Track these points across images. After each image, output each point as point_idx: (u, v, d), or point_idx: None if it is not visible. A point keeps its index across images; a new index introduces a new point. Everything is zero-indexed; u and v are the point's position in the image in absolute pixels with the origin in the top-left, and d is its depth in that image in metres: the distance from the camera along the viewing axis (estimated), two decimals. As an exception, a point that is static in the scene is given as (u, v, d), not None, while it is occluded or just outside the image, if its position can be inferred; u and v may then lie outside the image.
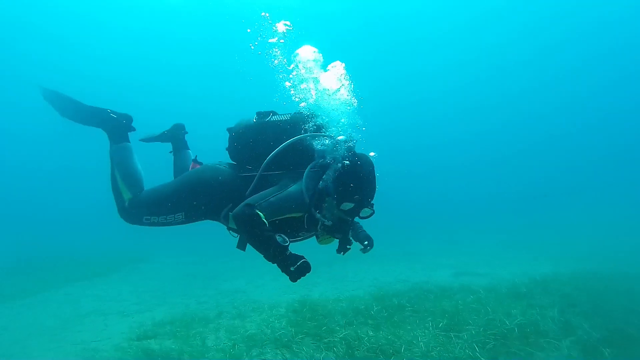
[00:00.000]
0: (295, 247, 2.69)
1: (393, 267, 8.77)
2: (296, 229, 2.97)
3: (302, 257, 2.55)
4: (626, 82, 29.90)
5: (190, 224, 3.36)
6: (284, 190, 2.85)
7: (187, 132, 3.97)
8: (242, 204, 2.78)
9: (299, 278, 2.60)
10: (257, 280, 9.03)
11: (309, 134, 3.00)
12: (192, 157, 3.79)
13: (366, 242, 3.36)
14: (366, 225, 3.40)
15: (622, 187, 26.10)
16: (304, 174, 2.86)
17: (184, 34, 27.55)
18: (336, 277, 7.54)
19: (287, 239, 2.67)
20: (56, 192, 31.46)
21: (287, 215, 2.86)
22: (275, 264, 2.62)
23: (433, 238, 13.13)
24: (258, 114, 3.21)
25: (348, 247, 3.18)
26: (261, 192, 2.84)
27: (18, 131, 30.76)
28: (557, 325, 4.67)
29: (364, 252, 3.41)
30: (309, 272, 2.62)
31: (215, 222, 3.35)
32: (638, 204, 17.64)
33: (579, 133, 34.55)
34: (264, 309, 6.10)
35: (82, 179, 31.51)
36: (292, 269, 2.50)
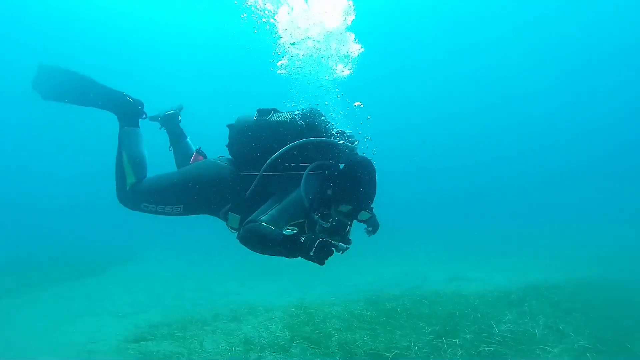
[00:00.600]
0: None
1: (385, 271, 8.88)
2: (298, 232, 3.02)
3: (318, 239, 2.60)
4: (627, 83, 30.51)
5: (188, 216, 3.39)
6: (284, 200, 2.89)
7: (180, 120, 3.96)
8: (244, 224, 2.83)
9: (325, 259, 2.66)
10: (249, 282, 9.04)
11: (311, 138, 3.02)
12: (194, 148, 3.78)
13: (370, 228, 3.39)
14: (358, 225, 3.43)
15: (617, 194, 26.63)
16: (303, 177, 2.89)
17: (184, 26, 27.42)
18: (330, 280, 7.62)
19: (295, 229, 2.72)
20: (44, 190, 30.85)
21: (291, 223, 2.92)
22: (299, 257, 2.69)
23: (424, 241, 13.30)
24: (259, 111, 3.20)
25: (347, 246, 3.20)
26: (261, 207, 2.88)
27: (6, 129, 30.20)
28: (549, 333, 4.81)
29: (368, 235, 3.44)
30: (330, 253, 2.67)
31: (214, 217, 3.38)
32: (632, 210, 17.98)
33: (576, 137, 35.06)
34: (260, 312, 6.13)
35: (73, 177, 31.05)
36: (311, 254, 2.56)
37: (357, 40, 3.78)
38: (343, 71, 3.76)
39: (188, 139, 3.93)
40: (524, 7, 25.91)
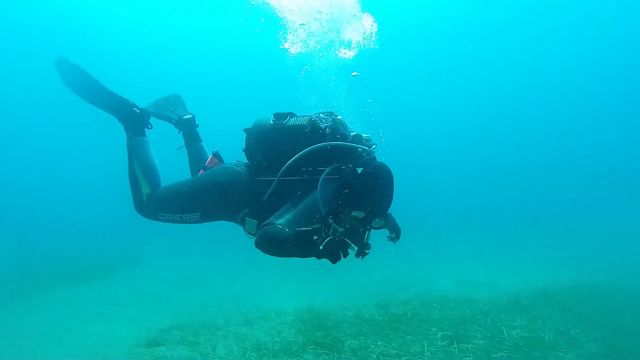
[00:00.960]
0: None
1: (393, 274, 8.87)
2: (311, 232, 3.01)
3: (332, 237, 2.62)
4: (627, 85, 30.46)
5: (205, 223, 3.40)
6: (300, 204, 2.89)
7: (197, 125, 3.99)
8: (259, 227, 2.83)
9: (338, 256, 2.67)
10: (257, 285, 9.04)
11: (328, 142, 3.01)
12: (208, 152, 3.79)
13: (394, 234, 3.34)
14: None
15: (623, 196, 26.55)
16: (319, 182, 2.89)
17: (195, 26, 27.50)
18: (339, 285, 7.63)
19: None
20: (52, 193, 30.85)
21: (307, 227, 2.92)
22: (311, 258, 2.70)
23: (429, 242, 13.26)
24: (275, 115, 3.19)
25: (367, 251, 3.16)
26: (277, 211, 2.88)
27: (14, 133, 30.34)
28: (561, 339, 4.83)
29: (394, 242, 3.40)
30: (343, 249, 2.68)
31: (231, 223, 3.39)
32: (637, 213, 17.87)
33: (583, 140, 34.95)
34: (271, 316, 6.15)
35: (78, 179, 31.09)
36: (320, 247, 2.58)
37: (373, 21, 3.72)
38: (347, 53, 3.73)
39: (202, 143, 3.94)
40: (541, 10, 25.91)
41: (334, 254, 2.66)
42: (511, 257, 7.71)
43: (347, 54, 3.78)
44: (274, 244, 2.69)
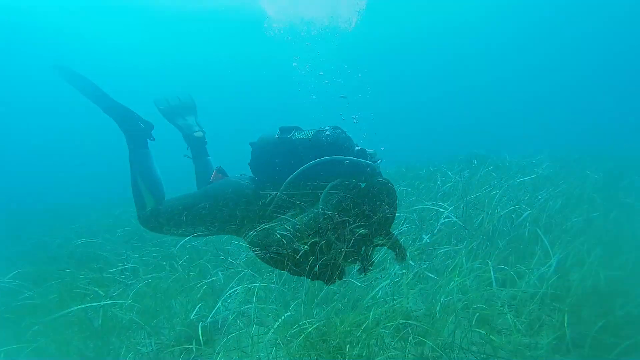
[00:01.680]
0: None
1: (387, 284, 8.82)
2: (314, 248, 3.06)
3: (328, 261, 2.66)
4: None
5: (207, 237, 3.45)
6: (302, 218, 2.94)
7: (207, 142, 4.05)
8: (260, 238, 2.88)
9: (332, 281, 2.72)
10: (252, 298, 8.94)
11: (332, 157, 3.07)
12: (214, 166, 3.85)
13: (399, 257, 3.41)
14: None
15: (619, 195, 26.77)
16: (322, 197, 2.95)
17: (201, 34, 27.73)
18: (335, 297, 7.60)
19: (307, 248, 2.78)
20: (50, 204, 30.70)
21: (308, 242, 2.96)
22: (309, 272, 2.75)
23: (428, 251, 13.20)
24: (281, 129, 3.28)
25: (370, 268, 3.21)
26: (279, 223, 2.93)
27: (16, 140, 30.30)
28: (560, 343, 4.88)
29: (401, 264, 3.48)
30: (338, 275, 2.71)
31: (234, 236, 3.43)
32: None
33: (587, 127, 35.25)
34: (271, 329, 6.10)
35: (78, 186, 30.90)
36: (321, 278, 2.62)
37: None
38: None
39: (209, 157, 4.02)
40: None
41: (328, 277, 2.70)
42: (507, 263, 7.74)
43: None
44: (271, 255, 2.75)
